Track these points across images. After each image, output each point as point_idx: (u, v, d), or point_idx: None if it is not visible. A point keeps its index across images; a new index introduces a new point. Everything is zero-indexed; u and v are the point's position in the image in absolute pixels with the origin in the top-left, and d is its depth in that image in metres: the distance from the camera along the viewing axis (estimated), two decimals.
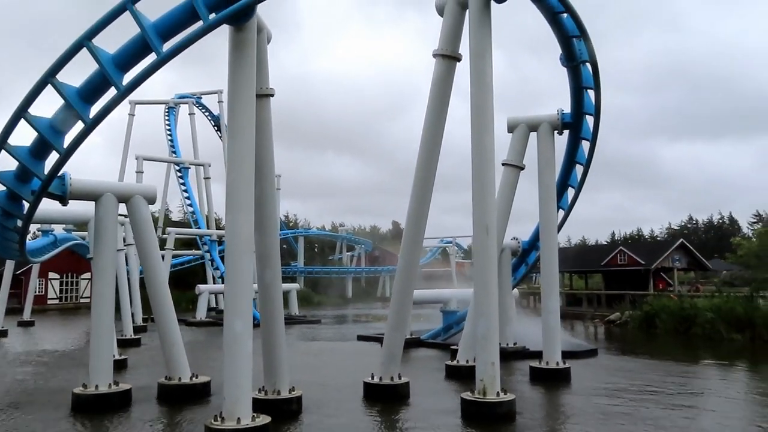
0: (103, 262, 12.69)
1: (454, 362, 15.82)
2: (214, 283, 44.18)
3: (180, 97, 53.49)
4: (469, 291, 26.36)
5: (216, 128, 54.76)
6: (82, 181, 12.49)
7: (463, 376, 14.88)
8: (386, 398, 12.46)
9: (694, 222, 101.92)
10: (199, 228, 45.68)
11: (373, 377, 12.96)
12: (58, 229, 28.92)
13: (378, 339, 23.40)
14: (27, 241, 16.99)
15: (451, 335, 21.88)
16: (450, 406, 11.88)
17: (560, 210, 17.00)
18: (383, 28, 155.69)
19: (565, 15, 13.27)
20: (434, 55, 12.87)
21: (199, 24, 9.30)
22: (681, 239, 41.95)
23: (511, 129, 16.40)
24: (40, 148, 10.08)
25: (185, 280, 48.58)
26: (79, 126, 9.75)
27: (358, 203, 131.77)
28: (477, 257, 11.17)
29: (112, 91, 9.61)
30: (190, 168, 48.31)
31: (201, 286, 37.06)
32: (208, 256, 44.06)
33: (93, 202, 12.93)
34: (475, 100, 11.30)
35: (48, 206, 13.88)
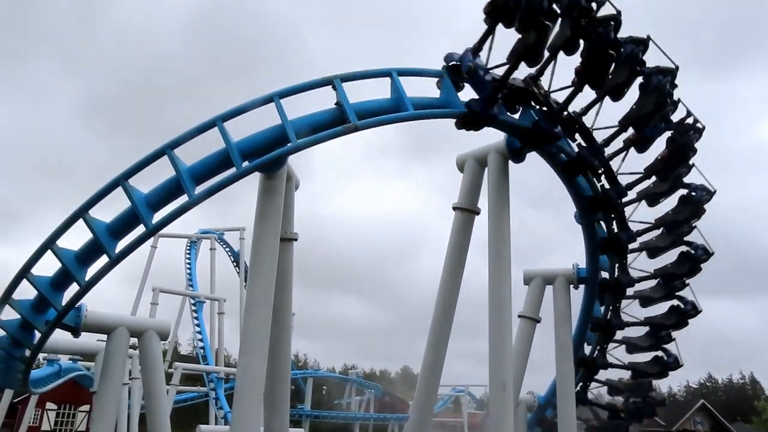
0: (107, 399, 12.24)
1: None
2: (216, 423, 42.32)
3: (203, 233, 54.85)
4: None
5: (235, 264, 55.50)
6: (97, 314, 12.42)
7: None
8: None
9: (714, 380, 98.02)
10: (207, 364, 44.71)
11: None
12: (64, 359, 28.49)
13: None
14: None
15: None
16: None
17: None
18: (391, 178, 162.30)
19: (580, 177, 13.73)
20: (454, 208, 13.24)
21: (232, 170, 9.74)
22: (702, 400, 40.09)
23: (527, 281, 16.39)
24: (62, 280, 10.18)
25: (185, 419, 46.67)
26: (103, 260, 9.91)
27: (367, 345, 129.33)
28: (494, 414, 10.65)
29: (140, 229, 9.89)
30: (205, 302, 48.32)
31: (203, 428, 35.09)
32: (213, 394, 42.71)
33: (104, 335, 12.81)
34: (493, 253, 11.43)
35: (57, 336, 13.71)
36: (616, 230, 14.10)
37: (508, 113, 11.25)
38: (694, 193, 14.14)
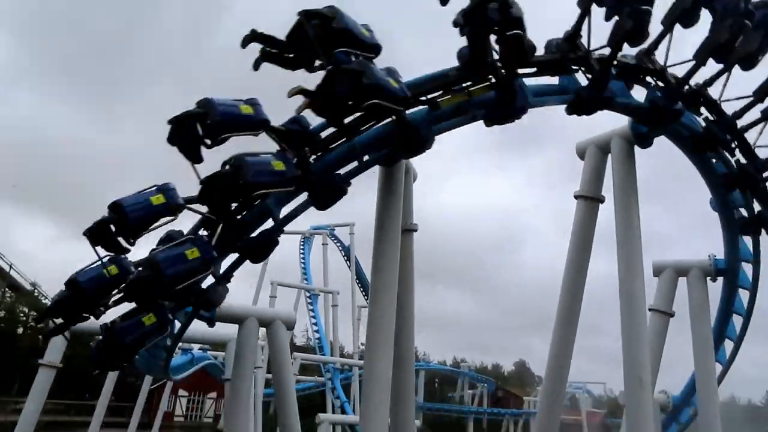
0: (241, 383, 13.02)
1: None
2: (333, 412, 43.80)
3: (315, 228, 56.75)
4: None
5: (346, 258, 57.02)
6: (229, 306, 13.14)
7: None
8: None
9: None
10: (323, 354, 46.28)
11: None
12: (195, 349, 30.57)
13: None
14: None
15: None
16: None
17: (717, 363, 15.35)
18: (490, 170, 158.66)
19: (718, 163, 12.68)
20: (576, 197, 12.73)
21: (354, 164, 9.91)
22: None
23: (656, 273, 15.46)
24: None
25: (303, 408, 48.74)
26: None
27: (475, 339, 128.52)
28: (630, 413, 10.14)
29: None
30: (319, 295, 50.03)
31: (322, 416, 36.53)
32: (329, 384, 44.21)
33: (234, 325, 13.57)
34: (622, 244, 10.86)
35: (191, 327, 14.63)
36: (758, 209, 12.83)
37: (626, 93, 10.57)
38: None
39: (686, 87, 10.74)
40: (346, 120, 8.43)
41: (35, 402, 17.14)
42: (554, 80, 10.39)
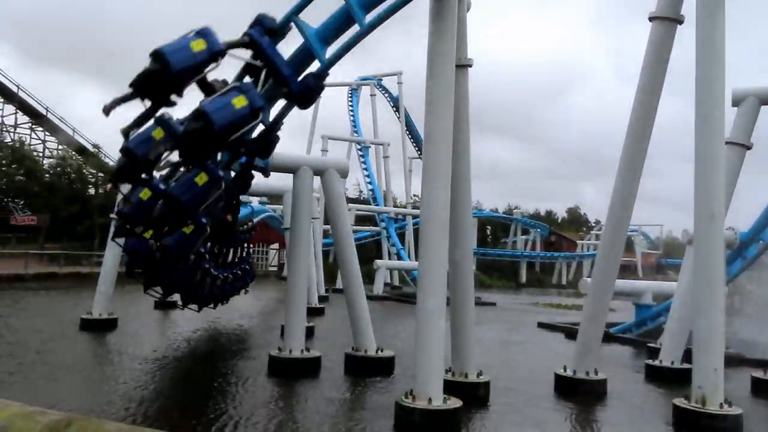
0: (300, 231, 13.28)
1: (656, 362, 14.34)
2: (389, 258, 45.62)
3: (362, 80, 55.37)
4: (665, 284, 24.11)
5: (395, 109, 55.96)
6: (282, 155, 13.08)
7: (667, 379, 13.55)
8: (580, 394, 11.59)
9: None
10: (377, 205, 47.26)
11: (565, 369, 12.13)
12: (254, 202, 31.55)
13: (562, 328, 22.33)
14: None
15: (644, 331, 20.06)
16: (655, 411, 10.74)
17: None
18: (541, 7, 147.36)
19: None
20: (650, 18, 11.52)
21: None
22: None
23: (736, 102, 14.26)
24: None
25: (360, 255, 50.91)
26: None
27: (527, 187, 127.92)
28: (700, 247, 9.79)
29: (314, 65, 9.79)
30: (370, 147, 50.03)
31: (379, 262, 38.25)
32: (385, 233, 45.62)
33: (290, 175, 13.58)
34: (702, 69, 9.82)
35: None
36: None
37: None
38: None
39: None
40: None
41: (112, 252, 18.19)
42: None
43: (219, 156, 9.80)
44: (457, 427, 8.88)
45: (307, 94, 9.47)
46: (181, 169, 9.12)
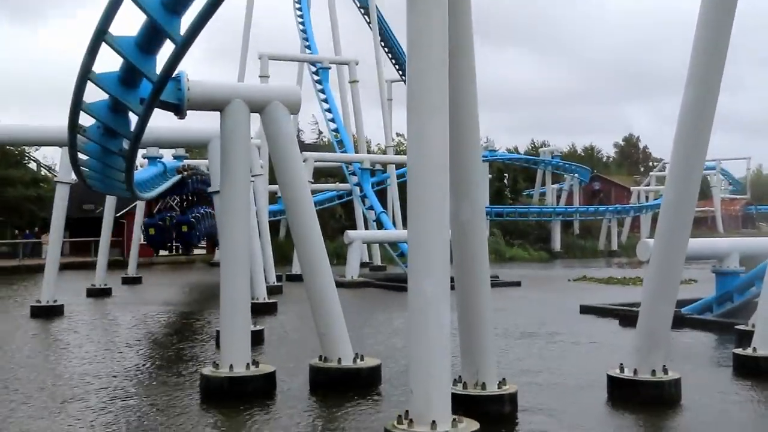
0: (235, 195, 13.13)
1: (748, 351, 14.61)
2: (366, 228, 45.67)
3: None
4: (756, 241, 24.47)
5: (363, 12, 55.41)
6: (204, 85, 12.87)
7: (763, 372, 13.85)
8: (645, 401, 11.76)
9: None
10: (344, 151, 46.89)
11: (622, 369, 12.29)
12: (168, 157, 31.21)
13: (614, 312, 22.65)
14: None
15: (729, 309, 20.40)
16: (750, 419, 10.95)
17: None
18: None
19: None
20: None
21: None
22: None
23: None
24: (150, 37, 10.37)
25: (323, 225, 50.99)
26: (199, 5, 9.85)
27: (555, 117, 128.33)
28: None
29: None
30: (330, 68, 49.42)
31: (351, 233, 38.28)
32: (357, 191, 45.45)
33: (217, 115, 13.37)
34: None
35: (156, 123, 14.59)
36: None
37: None
38: None
39: None
40: None
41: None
42: None
43: None
44: None
45: None
46: None
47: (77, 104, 12.00)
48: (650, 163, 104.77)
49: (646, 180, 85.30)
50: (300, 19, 51.93)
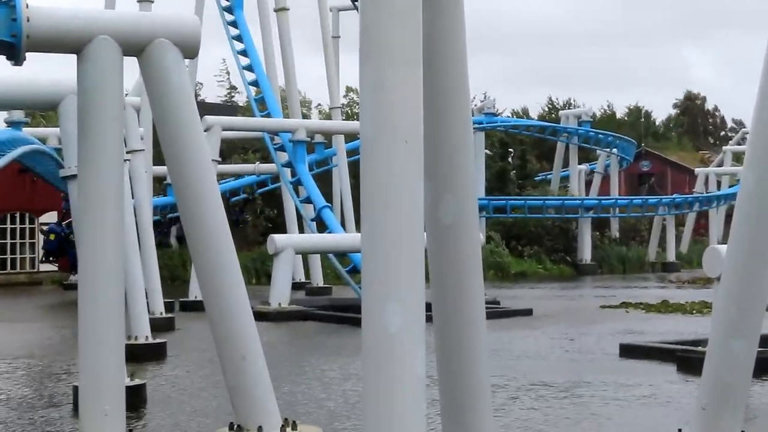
0: (99, 182, 12.97)
1: None
2: (301, 231, 45.66)
3: None
4: None
5: None
6: (53, 13, 12.71)
7: None
8: None
9: None
10: (268, 116, 46.72)
11: None
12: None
13: (670, 353, 22.87)
14: None
15: None
16: None
17: None
18: None
19: None
20: None
21: None
22: None
23: None
24: None
25: (233, 228, 50.88)
26: None
27: (585, 65, 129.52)
28: None
29: None
30: None
31: (278, 239, 38.20)
32: (288, 175, 45.41)
33: (72, 60, 13.29)
34: None
35: None
36: None
37: None
38: None
39: None
40: None
41: None
42: None
43: None
44: None
45: None
46: None
47: None
48: (724, 133, 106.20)
49: (719, 158, 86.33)
50: None
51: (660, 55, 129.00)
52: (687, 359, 20.65)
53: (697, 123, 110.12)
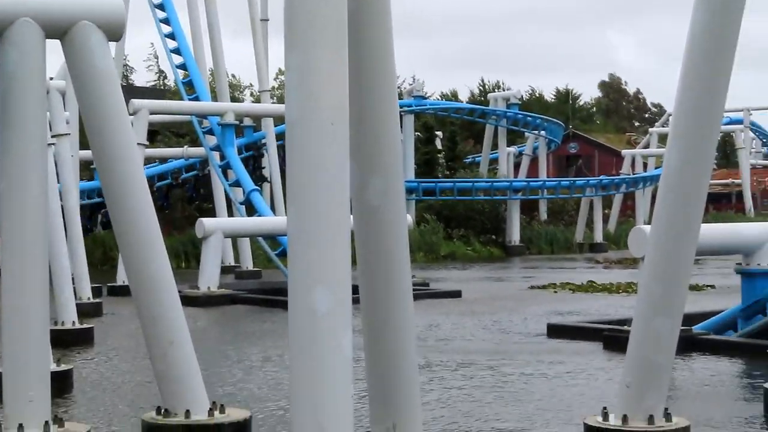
0: (23, 167, 12.86)
1: None
2: (230, 215, 45.45)
3: None
4: None
5: None
6: None
7: None
8: None
9: None
10: (196, 99, 46.48)
11: (606, 416, 12.61)
12: None
13: (595, 332, 23.18)
14: None
15: (760, 325, 21.04)
16: None
17: None
18: None
19: None
20: None
21: None
22: None
23: None
24: None
25: (160, 212, 50.59)
26: None
27: (514, 48, 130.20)
28: None
29: None
30: None
31: (207, 223, 37.98)
32: (216, 158, 45.24)
33: None
34: None
35: None
36: None
37: None
38: None
39: None
40: None
41: None
42: None
43: None
44: None
45: None
46: None
47: None
48: (647, 115, 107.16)
49: (645, 139, 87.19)
50: None
51: (586, 39, 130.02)
52: (613, 338, 20.83)
53: (621, 106, 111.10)
